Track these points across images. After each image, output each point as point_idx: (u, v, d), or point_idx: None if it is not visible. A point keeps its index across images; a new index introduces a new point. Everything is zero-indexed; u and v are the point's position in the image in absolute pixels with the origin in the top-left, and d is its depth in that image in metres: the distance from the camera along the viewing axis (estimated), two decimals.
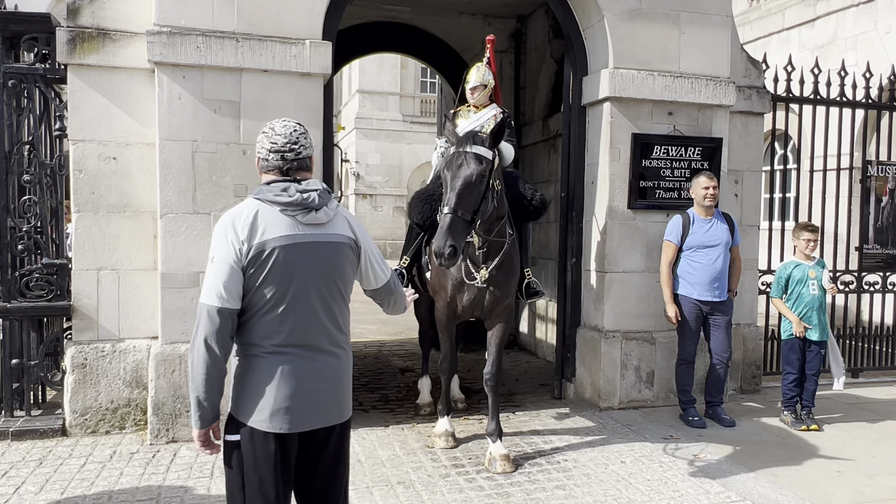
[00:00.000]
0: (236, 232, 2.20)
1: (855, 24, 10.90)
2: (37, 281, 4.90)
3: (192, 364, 2.20)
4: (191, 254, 4.74)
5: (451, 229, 3.86)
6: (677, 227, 5.34)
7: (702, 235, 5.27)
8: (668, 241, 5.37)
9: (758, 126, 6.39)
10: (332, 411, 2.34)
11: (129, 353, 4.90)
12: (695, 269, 5.28)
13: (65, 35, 4.71)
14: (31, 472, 4.17)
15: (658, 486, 4.10)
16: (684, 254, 5.32)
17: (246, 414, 2.25)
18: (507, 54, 8.55)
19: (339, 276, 2.35)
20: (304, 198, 2.26)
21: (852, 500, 3.98)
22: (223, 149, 4.77)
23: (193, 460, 4.40)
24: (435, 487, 4.02)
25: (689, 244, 5.30)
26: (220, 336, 2.18)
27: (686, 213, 5.37)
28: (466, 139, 4.15)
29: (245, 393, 2.26)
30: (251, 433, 2.25)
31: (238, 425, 2.28)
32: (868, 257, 7.06)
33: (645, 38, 5.61)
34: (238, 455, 2.28)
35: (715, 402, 5.40)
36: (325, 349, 2.31)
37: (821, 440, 4.99)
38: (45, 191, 4.92)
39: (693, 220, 5.32)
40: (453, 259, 3.88)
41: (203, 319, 2.18)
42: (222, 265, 2.18)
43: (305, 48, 4.84)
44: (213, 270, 2.20)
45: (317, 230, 2.29)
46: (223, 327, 2.18)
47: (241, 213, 2.24)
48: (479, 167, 4.03)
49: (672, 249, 5.34)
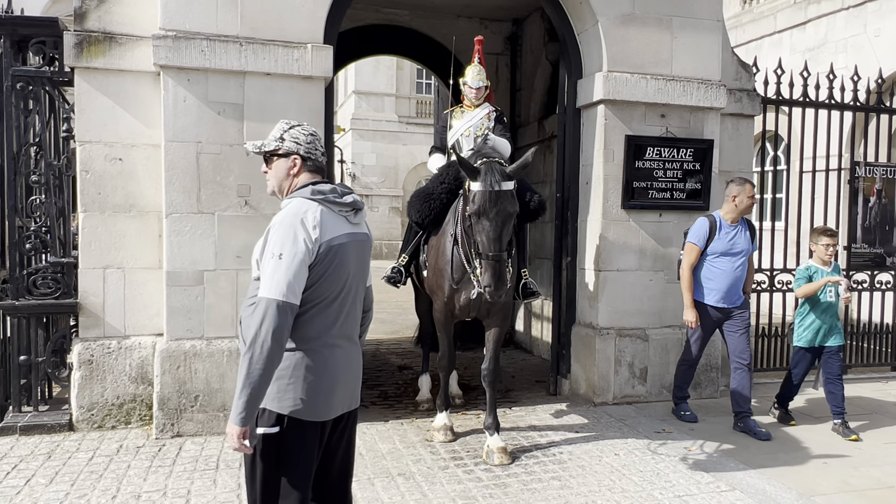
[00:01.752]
0: (308, 231, 2.26)
1: (845, 27, 11.08)
2: (44, 279, 5.01)
3: (254, 359, 2.17)
4: (195, 252, 4.85)
5: (501, 271, 4.08)
6: (702, 231, 5.13)
7: (727, 242, 5.10)
8: (693, 243, 5.16)
9: (748, 128, 6.54)
10: (354, 396, 2.52)
11: (134, 350, 5.01)
12: (715, 275, 5.12)
13: (72, 39, 4.82)
14: (40, 466, 4.28)
15: (650, 477, 4.23)
16: (707, 259, 5.13)
17: (287, 405, 2.30)
18: (503, 56, 8.69)
19: (366, 271, 2.57)
20: (355, 199, 2.44)
21: (838, 489, 4.12)
22: (227, 150, 4.89)
23: (199, 454, 4.51)
24: (434, 479, 4.15)
25: (713, 249, 5.11)
26: (285, 331, 2.22)
27: (712, 217, 5.18)
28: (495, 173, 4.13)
29: (290, 385, 2.30)
30: (294, 423, 2.31)
31: (276, 417, 2.30)
32: (856, 256, 7.21)
33: (638, 42, 5.75)
34: (276, 447, 2.31)
35: (744, 412, 5.11)
36: (354, 339, 2.52)
37: (809, 433, 5.14)
38: (52, 191, 5.03)
39: (720, 224, 5.13)
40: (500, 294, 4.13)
41: (271, 314, 2.19)
42: (292, 262, 2.22)
43: (307, 52, 4.96)
44: (280, 267, 2.21)
45: (357, 229, 2.47)
46: (288, 322, 2.22)
47: (306, 213, 2.30)
48: (513, 208, 4.18)
49: (696, 253, 5.14)
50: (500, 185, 4.12)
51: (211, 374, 4.88)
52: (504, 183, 4.14)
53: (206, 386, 4.87)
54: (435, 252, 4.88)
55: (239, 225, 4.92)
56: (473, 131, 5.29)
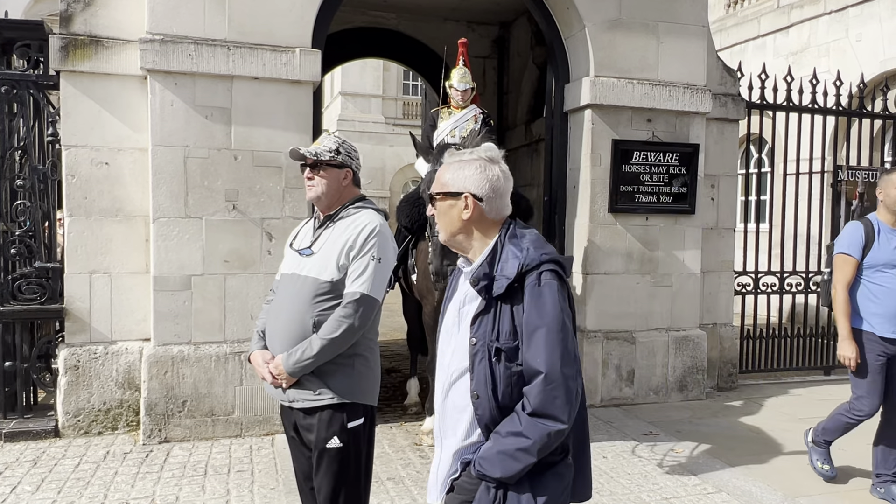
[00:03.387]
0: (391, 239, 2.59)
1: (827, 31, 11.21)
2: (29, 284, 4.96)
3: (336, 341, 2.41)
4: (183, 257, 4.83)
5: (444, 249, 3.98)
6: (857, 238, 4.05)
7: (891, 250, 3.98)
8: (847, 255, 4.04)
9: (733, 132, 6.61)
10: None
11: (121, 355, 4.98)
12: (877, 295, 3.97)
13: (57, 42, 4.79)
14: (26, 473, 4.24)
15: (638, 480, 4.27)
16: (864, 274, 4.02)
17: (366, 396, 2.55)
18: (490, 60, 8.74)
19: None
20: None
21: (822, 490, 4.18)
22: (215, 154, 4.87)
23: (187, 460, 4.49)
24: (424, 483, 4.15)
25: (871, 261, 3.99)
26: (368, 325, 2.50)
27: (867, 220, 4.11)
28: (440, 153, 4.16)
29: (367, 378, 2.55)
30: (371, 412, 2.57)
31: (360, 409, 2.52)
32: None
33: (624, 47, 5.79)
34: (362, 437, 2.54)
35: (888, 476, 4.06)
36: None
37: (793, 435, 5.20)
38: (37, 195, 4.99)
39: (878, 229, 4.05)
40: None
41: (368, 311, 2.45)
42: (389, 268, 2.55)
43: (295, 56, 4.96)
44: (380, 270, 2.49)
45: None
46: (374, 319, 2.53)
47: (384, 223, 2.59)
48: None
49: (852, 266, 4.01)
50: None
51: (199, 379, 4.86)
52: None
53: (193, 391, 4.85)
54: (424, 256, 4.90)
55: (227, 229, 4.90)
56: (459, 132, 5.31)
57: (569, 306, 1.89)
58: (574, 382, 1.82)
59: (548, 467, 1.86)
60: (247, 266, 4.95)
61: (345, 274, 2.47)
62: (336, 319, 2.42)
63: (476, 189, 1.94)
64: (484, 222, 1.96)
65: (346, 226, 2.53)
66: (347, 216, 2.56)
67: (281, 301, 2.58)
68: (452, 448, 1.95)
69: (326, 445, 2.46)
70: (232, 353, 4.92)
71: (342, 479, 2.50)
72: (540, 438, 1.78)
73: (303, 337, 2.44)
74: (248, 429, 4.95)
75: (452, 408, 1.95)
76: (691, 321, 6.12)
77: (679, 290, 6.04)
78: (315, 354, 2.41)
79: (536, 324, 1.80)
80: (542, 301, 1.82)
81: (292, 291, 2.53)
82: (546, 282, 1.83)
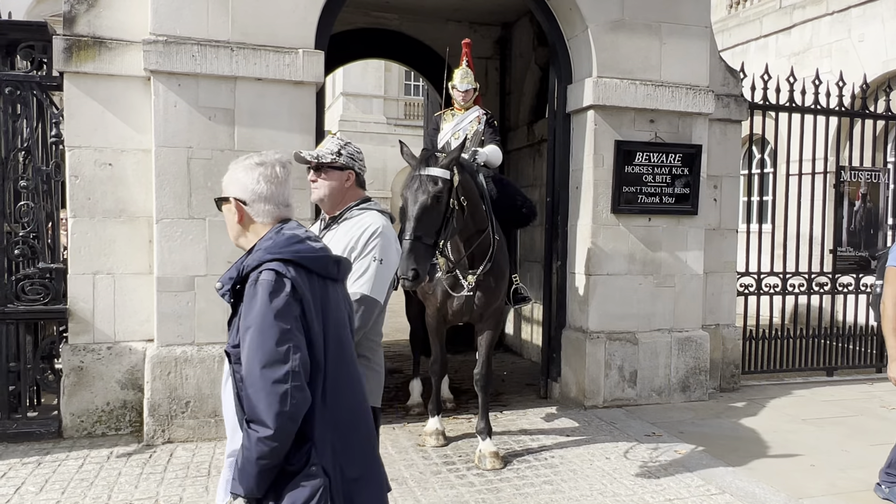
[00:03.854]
0: (397, 244, 2.61)
1: (829, 32, 11.21)
2: (33, 285, 4.97)
3: None
4: (186, 258, 4.84)
5: (411, 254, 3.91)
6: None
7: None
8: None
9: (736, 133, 6.61)
10: None
11: (124, 356, 4.99)
12: None
13: (61, 43, 4.79)
14: (30, 473, 4.24)
15: (641, 481, 4.27)
16: None
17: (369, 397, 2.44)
18: (492, 60, 8.73)
19: None
20: None
21: (825, 491, 4.17)
22: (218, 155, 4.88)
23: (190, 460, 4.50)
24: (427, 484, 4.16)
25: None
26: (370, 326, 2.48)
27: None
28: (422, 161, 4.14)
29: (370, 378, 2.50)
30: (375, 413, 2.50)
31: None
32: (842, 259, 7.31)
33: (627, 48, 5.79)
34: None
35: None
36: None
37: (796, 436, 5.19)
38: (41, 196, 4.99)
39: None
40: (417, 282, 3.96)
41: (368, 312, 2.43)
42: (391, 269, 2.54)
43: (298, 57, 4.96)
44: (381, 272, 2.47)
45: None
46: (376, 320, 2.50)
47: (388, 224, 2.59)
48: (434, 189, 4.03)
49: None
50: (423, 170, 4.09)
51: (202, 379, 4.86)
52: (428, 168, 4.09)
53: (197, 392, 4.86)
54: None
55: None
56: (463, 134, 5.31)
57: (314, 308, 1.83)
58: (282, 385, 1.71)
59: (289, 477, 1.79)
60: None
61: None
62: None
63: (240, 193, 1.95)
64: (254, 225, 1.97)
65: (349, 227, 2.55)
66: (351, 217, 2.59)
67: None
68: (228, 452, 1.93)
69: None
70: None
71: None
72: (253, 446, 1.72)
73: None
74: None
75: (226, 411, 1.94)
76: (694, 322, 6.12)
77: (682, 291, 6.03)
78: None
79: (247, 324, 1.77)
80: (254, 301, 1.78)
81: None
82: (261, 281, 1.78)
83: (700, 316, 6.18)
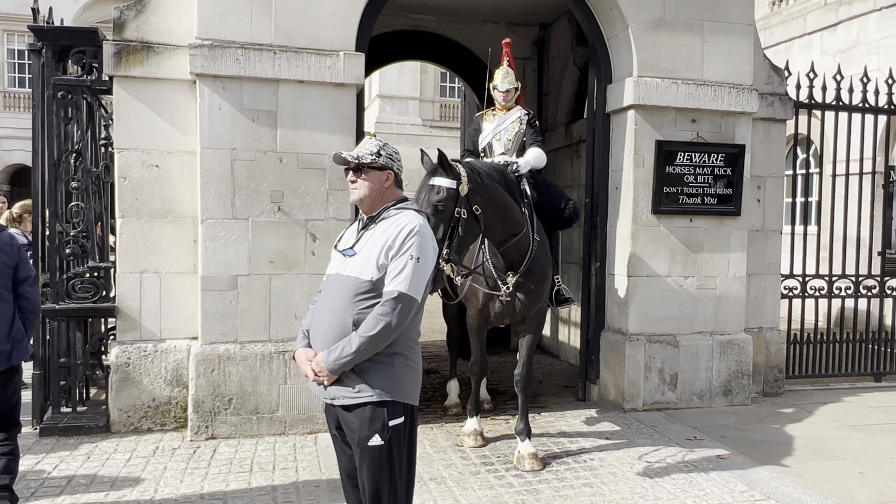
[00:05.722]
0: (434, 243, 2.64)
1: (877, 28, 10.90)
2: (82, 283, 5.11)
3: (374, 338, 2.45)
4: (230, 257, 4.93)
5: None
6: None
7: None
8: None
9: (780, 132, 6.47)
10: None
11: (169, 353, 5.10)
12: None
13: (111, 48, 4.93)
14: (80, 466, 4.37)
15: (683, 485, 4.21)
16: None
17: (407, 395, 2.59)
18: (529, 61, 8.69)
19: None
20: None
21: (875, 500, 4.06)
22: (261, 156, 4.96)
23: (233, 456, 4.58)
24: (466, 484, 4.17)
25: None
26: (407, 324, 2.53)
27: None
28: (428, 170, 4.17)
29: (407, 376, 2.59)
30: (411, 411, 2.61)
31: (401, 408, 2.56)
32: (890, 262, 7.11)
33: (668, 46, 5.72)
34: (405, 434, 2.59)
35: None
36: None
37: (843, 442, 5.07)
38: (91, 197, 5.14)
39: None
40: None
41: (406, 309, 2.48)
42: (428, 268, 2.56)
43: (339, 59, 5.02)
44: (419, 270, 2.51)
45: None
46: (413, 318, 2.56)
47: (425, 223, 2.63)
48: (435, 198, 4.04)
49: None
50: (428, 180, 4.12)
51: (244, 377, 4.95)
52: (434, 178, 4.10)
53: (239, 389, 4.94)
54: (468, 259, 4.90)
55: (272, 230, 4.99)
56: (505, 135, 5.30)
57: None
58: None
59: None
60: (291, 267, 5.03)
61: (384, 273, 2.51)
62: (374, 317, 2.46)
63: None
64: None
65: (387, 226, 2.58)
66: (389, 217, 2.62)
67: (324, 300, 2.65)
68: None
69: (368, 443, 2.51)
70: (276, 352, 5.00)
71: (383, 477, 2.53)
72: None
73: (343, 335, 2.49)
74: (292, 427, 5.02)
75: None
76: (736, 325, 6.01)
77: (724, 293, 5.93)
78: (353, 352, 2.46)
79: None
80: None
81: (335, 291, 2.60)
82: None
83: (742, 319, 6.07)
